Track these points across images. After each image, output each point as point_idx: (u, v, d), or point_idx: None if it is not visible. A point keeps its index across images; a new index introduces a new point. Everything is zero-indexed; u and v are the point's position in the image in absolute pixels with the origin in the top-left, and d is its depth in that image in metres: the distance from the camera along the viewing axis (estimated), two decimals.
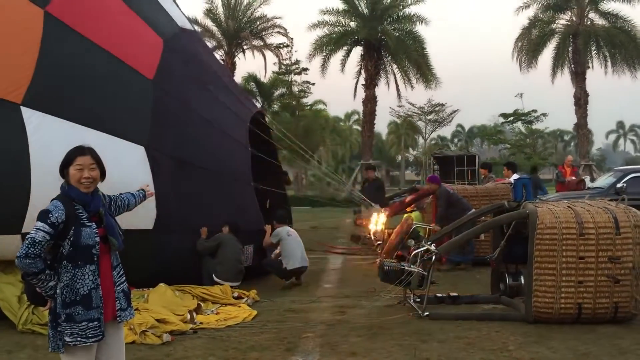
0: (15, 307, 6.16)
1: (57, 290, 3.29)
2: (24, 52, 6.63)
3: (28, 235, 3.22)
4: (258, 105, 10.94)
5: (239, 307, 7.01)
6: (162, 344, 5.52)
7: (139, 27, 7.96)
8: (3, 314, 6.21)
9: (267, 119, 11.16)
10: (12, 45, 6.60)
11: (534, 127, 37.59)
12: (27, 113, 6.41)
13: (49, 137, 6.38)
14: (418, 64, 30.13)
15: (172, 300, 6.71)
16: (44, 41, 6.74)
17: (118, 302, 3.45)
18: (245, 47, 34.24)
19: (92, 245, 3.32)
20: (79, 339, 3.26)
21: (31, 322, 6.06)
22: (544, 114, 36.40)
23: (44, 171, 5.97)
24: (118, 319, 3.45)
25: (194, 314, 6.41)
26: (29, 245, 3.17)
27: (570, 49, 30.02)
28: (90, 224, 3.35)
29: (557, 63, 30.45)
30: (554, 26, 30.72)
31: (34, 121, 6.43)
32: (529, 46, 30.56)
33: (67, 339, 3.25)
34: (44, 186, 5.50)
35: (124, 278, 3.54)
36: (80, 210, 3.35)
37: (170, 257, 7.51)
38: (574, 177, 15.08)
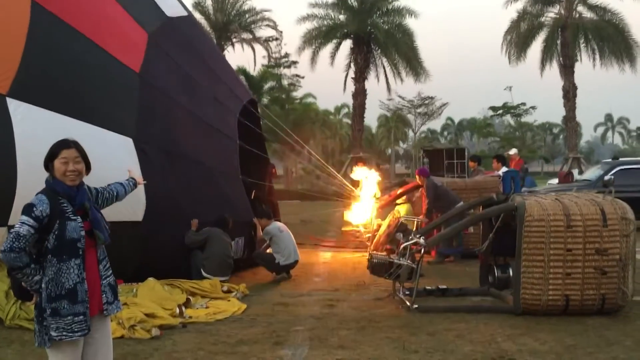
0: (3, 303, 6.11)
1: (42, 285, 3.26)
2: (11, 43, 6.55)
3: (12, 229, 3.19)
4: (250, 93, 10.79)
5: (229, 301, 6.99)
6: (151, 338, 5.49)
7: (124, 20, 7.89)
8: None
9: (259, 108, 11.06)
10: None
11: (523, 120, 37.87)
12: (12, 104, 6.34)
13: (35, 128, 6.32)
14: (407, 57, 30.13)
15: (161, 295, 6.68)
16: (31, 31, 6.65)
17: (104, 295, 3.42)
18: (234, 40, 34.15)
19: (77, 239, 3.29)
20: (64, 333, 3.24)
21: (19, 317, 6.01)
22: (533, 107, 36.72)
23: (30, 163, 5.92)
24: (105, 312, 3.42)
25: (183, 308, 6.39)
26: (14, 239, 3.14)
27: (559, 42, 30.10)
28: (76, 217, 3.32)
29: (546, 56, 30.56)
30: (542, 19, 30.82)
31: (20, 112, 6.36)
32: (517, 39, 30.63)
33: (53, 333, 3.23)
34: (30, 178, 5.45)
35: (111, 271, 3.51)
36: (65, 204, 3.31)
37: (159, 249, 7.48)
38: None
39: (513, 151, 15.11)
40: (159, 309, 6.13)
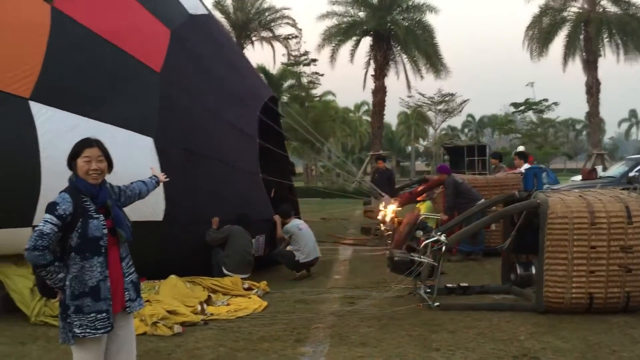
0: (28, 300, 6.22)
1: (66, 282, 3.30)
2: (32, 48, 6.66)
3: (36, 228, 3.23)
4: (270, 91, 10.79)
5: (249, 298, 7.03)
6: (173, 335, 5.55)
7: (145, 19, 7.95)
8: (16, 306, 6.26)
9: (279, 104, 11.06)
10: (20, 41, 6.63)
11: (545, 116, 37.42)
12: (35, 107, 6.45)
13: (57, 130, 6.41)
14: (428, 53, 29.92)
15: (182, 292, 6.73)
16: (52, 36, 6.76)
17: (127, 292, 3.46)
18: (254, 38, 34.27)
19: (99, 237, 3.32)
20: (87, 330, 3.27)
21: (44, 314, 6.11)
22: (556, 103, 36.30)
23: (53, 164, 6.00)
24: (127, 309, 3.45)
25: (205, 305, 6.44)
26: (37, 238, 3.18)
27: (581, 36, 29.70)
28: (98, 215, 3.36)
29: (569, 51, 30.16)
30: (565, 14, 30.42)
31: (43, 115, 6.46)
32: (540, 34, 30.27)
33: (77, 330, 3.27)
34: (54, 179, 5.53)
35: (133, 269, 3.55)
36: (87, 202, 3.35)
37: (180, 247, 7.53)
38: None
39: (521, 148, 14.92)
40: (181, 306, 6.18)
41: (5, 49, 6.51)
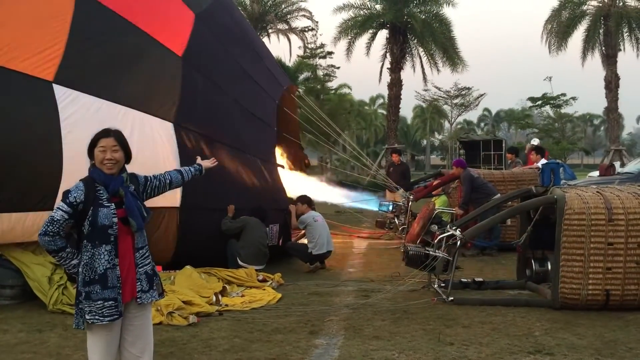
0: (46, 288, 6.29)
1: (80, 269, 3.35)
2: (56, 30, 6.63)
3: (50, 214, 3.30)
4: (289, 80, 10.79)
5: (264, 290, 7.06)
6: (188, 325, 5.59)
7: (170, 1, 7.96)
8: (34, 294, 6.34)
9: (299, 93, 11.05)
10: (43, 24, 6.61)
11: (562, 111, 36.99)
12: (59, 90, 6.44)
13: (80, 114, 6.43)
14: (444, 47, 29.69)
15: (198, 283, 6.78)
16: (75, 19, 6.73)
17: (139, 283, 3.45)
18: (270, 30, 34.17)
19: (108, 225, 3.35)
20: (96, 317, 3.31)
21: (61, 302, 6.18)
22: (574, 98, 35.80)
23: (75, 148, 6.01)
24: (138, 300, 3.45)
25: (220, 296, 6.48)
26: (48, 224, 3.26)
27: (601, 31, 29.28)
28: (109, 204, 3.38)
29: (588, 45, 29.78)
30: (584, 8, 30.00)
31: (66, 99, 6.45)
32: (558, 28, 29.90)
33: (87, 316, 3.32)
34: (76, 163, 5.55)
35: (149, 260, 3.54)
36: (101, 191, 3.38)
37: (196, 234, 7.57)
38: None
39: (535, 141, 14.70)
40: (196, 296, 6.23)
41: (29, 32, 6.49)
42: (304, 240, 8.98)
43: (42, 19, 6.62)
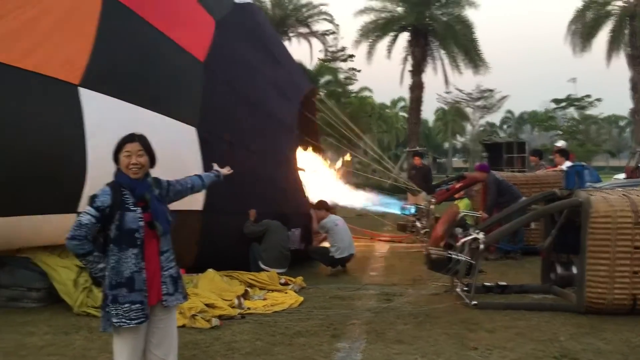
0: (72, 290, 6.37)
1: (106, 273, 3.40)
2: (82, 34, 6.67)
3: (77, 218, 3.35)
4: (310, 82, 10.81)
5: (286, 293, 7.07)
6: (211, 328, 5.62)
7: (193, 8, 8.06)
8: (60, 297, 6.43)
9: (317, 99, 11.07)
10: (70, 27, 6.66)
11: (587, 112, 36.55)
12: (84, 94, 6.49)
13: (105, 117, 6.48)
14: (467, 49, 29.52)
15: (220, 286, 6.82)
16: (102, 22, 6.79)
17: (164, 286, 3.50)
18: (291, 34, 34.30)
19: (135, 229, 3.39)
20: (123, 320, 3.35)
21: (86, 305, 6.26)
22: (598, 99, 35.45)
23: (99, 152, 6.06)
24: (164, 303, 3.50)
25: (242, 300, 6.51)
26: (76, 228, 3.31)
27: (626, 31, 28.84)
28: (135, 209, 3.43)
29: (613, 46, 29.33)
30: (609, 8, 29.59)
31: (91, 102, 6.50)
32: (583, 29, 29.52)
33: (114, 319, 3.36)
34: (100, 165, 5.61)
35: (174, 263, 3.59)
36: (127, 196, 3.43)
37: (218, 237, 7.62)
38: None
39: (559, 143, 14.46)
40: (218, 299, 6.26)
41: (55, 35, 6.55)
42: (326, 244, 8.98)
43: (70, 23, 6.68)
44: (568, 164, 10.86)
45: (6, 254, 6.66)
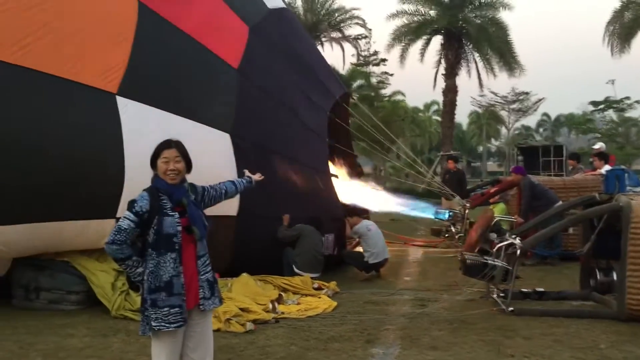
0: (110, 294, 6.49)
1: (145, 277, 3.44)
2: (120, 44, 6.84)
3: (116, 223, 3.41)
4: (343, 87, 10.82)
5: (319, 298, 7.07)
6: (246, 332, 5.65)
7: (226, 15, 8.16)
8: (98, 300, 6.55)
9: (350, 103, 11.05)
10: (107, 36, 6.83)
11: (627, 115, 35.65)
12: (121, 102, 6.64)
13: (141, 125, 6.62)
14: (501, 51, 29.12)
15: (254, 290, 6.86)
16: (138, 32, 6.94)
17: (201, 290, 3.54)
18: (323, 39, 34.39)
19: (173, 234, 3.44)
20: (163, 323, 3.40)
21: (124, 308, 6.36)
22: (638, 101, 34.44)
23: (137, 158, 6.20)
24: (201, 307, 3.54)
25: (276, 304, 6.53)
26: (116, 232, 3.37)
27: None
28: (173, 213, 3.48)
29: None
30: None
31: (128, 110, 6.64)
32: (621, 30, 28.82)
33: (153, 323, 3.41)
34: (137, 173, 5.74)
35: (210, 267, 3.63)
36: (165, 201, 3.49)
37: (252, 243, 7.67)
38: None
39: (597, 145, 13.88)
40: (252, 303, 6.29)
41: (93, 44, 6.70)
42: (360, 248, 8.96)
43: (107, 33, 6.84)
44: (607, 167, 10.62)
45: (46, 258, 6.82)
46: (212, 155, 7.09)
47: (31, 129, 6.18)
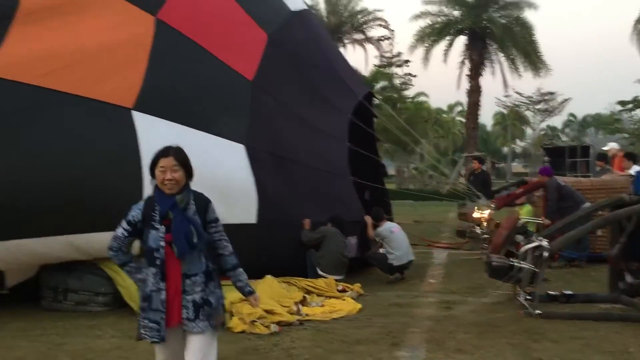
0: (135, 295, 6.54)
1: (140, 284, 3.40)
2: (136, 59, 6.99)
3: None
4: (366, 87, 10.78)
5: (344, 300, 7.06)
6: (270, 334, 5.66)
7: (243, 24, 8.19)
8: (125, 301, 6.62)
9: (378, 101, 11.02)
10: (123, 52, 6.98)
11: None
12: (137, 117, 6.76)
13: (158, 139, 6.62)
14: (526, 51, 28.82)
15: (278, 292, 6.86)
16: (154, 47, 7.08)
17: (185, 310, 3.27)
18: (346, 41, 34.40)
19: (155, 248, 3.28)
20: (146, 333, 3.32)
21: None
22: None
23: None
24: (184, 327, 3.28)
25: (300, 306, 6.53)
26: (112, 240, 3.38)
27: None
28: (159, 227, 3.29)
29: None
30: None
31: (145, 124, 6.74)
32: None
33: (141, 330, 3.35)
34: None
35: (201, 288, 3.30)
36: (155, 212, 3.32)
37: (273, 249, 7.65)
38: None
39: (609, 146, 13.26)
40: (277, 305, 6.30)
41: (109, 60, 6.85)
42: (382, 251, 8.90)
43: (124, 48, 6.98)
44: (636, 168, 10.43)
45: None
46: (229, 167, 7.15)
47: (54, 145, 6.42)
